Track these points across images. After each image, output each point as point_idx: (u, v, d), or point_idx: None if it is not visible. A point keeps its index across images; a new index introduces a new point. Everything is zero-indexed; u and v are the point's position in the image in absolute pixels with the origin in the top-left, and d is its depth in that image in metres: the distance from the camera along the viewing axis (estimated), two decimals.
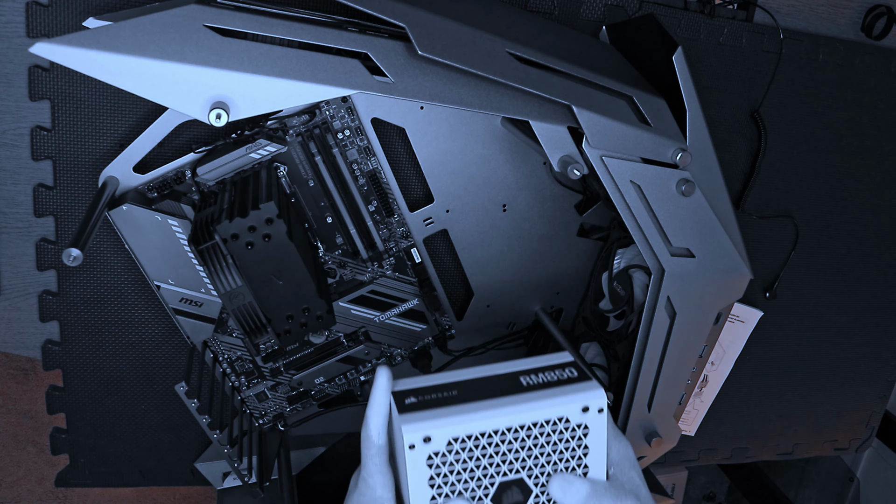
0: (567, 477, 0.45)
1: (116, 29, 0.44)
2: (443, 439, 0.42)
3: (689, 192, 0.55)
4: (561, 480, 0.45)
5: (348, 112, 0.59)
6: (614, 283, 0.67)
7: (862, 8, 0.74)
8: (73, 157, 0.60)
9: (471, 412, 0.43)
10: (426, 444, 0.42)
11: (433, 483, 0.43)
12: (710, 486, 1.72)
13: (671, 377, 0.62)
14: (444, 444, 0.42)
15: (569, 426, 0.44)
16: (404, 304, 0.66)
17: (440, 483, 0.43)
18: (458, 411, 0.43)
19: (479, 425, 0.43)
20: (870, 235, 0.84)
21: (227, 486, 0.73)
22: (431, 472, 0.43)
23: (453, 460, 0.43)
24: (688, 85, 0.55)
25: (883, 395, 0.95)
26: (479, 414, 0.43)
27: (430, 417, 0.42)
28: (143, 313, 0.66)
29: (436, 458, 0.42)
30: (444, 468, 0.43)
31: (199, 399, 0.58)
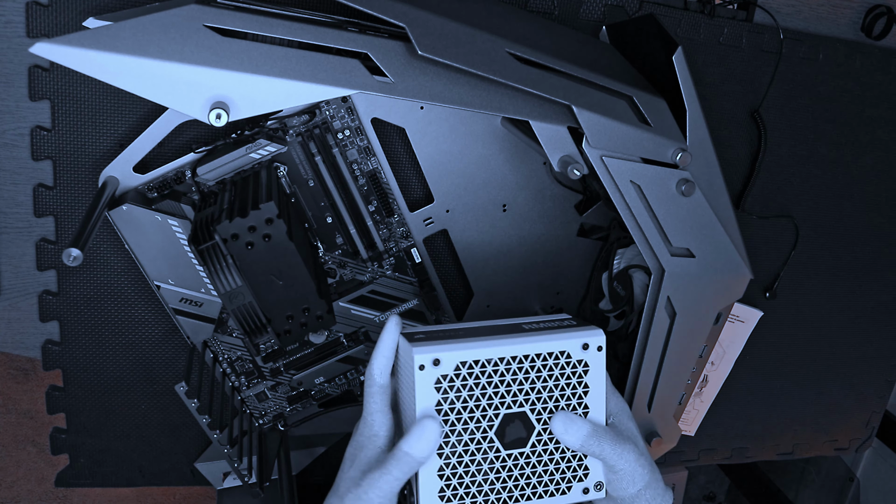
0: (569, 415, 0.47)
1: (116, 29, 0.44)
2: (451, 363, 0.45)
3: (689, 192, 0.55)
4: (564, 418, 0.46)
5: (348, 112, 0.59)
6: (614, 283, 0.67)
7: (862, 8, 0.74)
8: (73, 157, 0.60)
9: (478, 342, 0.46)
10: (435, 367, 0.44)
11: (440, 409, 0.45)
12: (710, 486, 1.72)
13: (671, 377, 0.62)
14: (451, 368, 0.45)
15: (570, 361, 0.47)
16: (404, 304, 0.66)
17: (447, 409, 0.45)
18: (465, 341, 0.46)
19: (485, 352, 0.45)
20: (870, 235, 0.84)
21: (227, 486, 0.73)
22: (439, 395, 0.45)
23: (460, 385, 0.45)
24: (688, 85, 0.55)
25: (883, 395, 0.95)
26: (486, 342, 0.46)
27: (439, 345, 0.45)
28: (143, 313, 0.66)
29: (444, 382, 0.45)
30: (451, 394, 0.45)
31: (199, 399, 0.58)
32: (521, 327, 0.49)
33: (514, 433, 0.47)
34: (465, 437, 0.45)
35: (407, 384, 0.46)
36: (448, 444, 0.45)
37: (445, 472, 0.45)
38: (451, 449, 0.45)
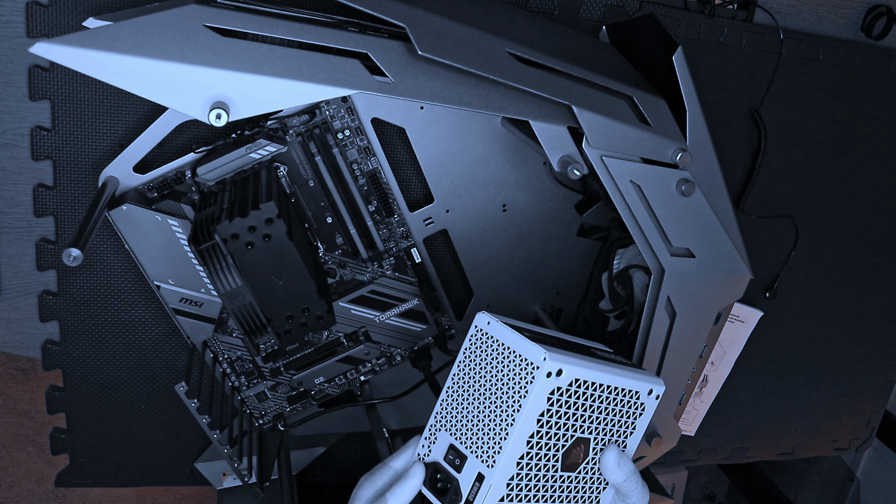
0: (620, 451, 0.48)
1: (116, 29, 0.43)
2: (569, 377, 0.43)
3: (689, 192, 0.55)
4: (617, 453, 0.47)
5: (348, 112, 0.59)
6: (614, 283, 0.67)
7: (862, 8, 0.74)
8: (73, 157, 0.60)
9: (591, 363, 0.45)
10: (557, 378, 0.43)
11: (540, 420, 0.43)
12: (710, 486, 1.72)
13: (671, 377, 0.62)
14: (566, 382, 0.43)
15: (636, 402, 0.48)
16: (404, 304, 0.66)
17: (545, 421, 0.43)
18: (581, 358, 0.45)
19: (595, 375, 0.45)
20: (870, 235, 0.84)
21: (227, 486, 0.73)
22: (545, 406, 0.43)
23: (565, 401, 0.44)
24: (688, 85, 0.55)
25: (883, 395, 0.95)
26: (597, 367, 0.45)
27: (563, 354, 0.44)
28: (143, 313, 0.66)
29: (555, 395, 0.43)
30: (555, 407, 0.44)
31: (199, 399, 0.58)
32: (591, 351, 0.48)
33: (574, 457, 0.46)
34: (542, 452, 0.44)
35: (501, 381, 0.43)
36: (528, 456, 0.43)
37: (513, 482, 0.44)
38: (527, 461, 0.44)
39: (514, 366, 0.43)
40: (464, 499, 0.43)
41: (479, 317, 0.46)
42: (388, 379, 0.70)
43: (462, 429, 0.45)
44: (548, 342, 0.45)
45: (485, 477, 0.43)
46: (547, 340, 0.45)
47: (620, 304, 0.66)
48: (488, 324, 0.45)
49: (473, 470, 0.43)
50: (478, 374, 0.45)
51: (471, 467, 0.43)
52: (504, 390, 0.43)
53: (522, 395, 0.42)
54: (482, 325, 0.45)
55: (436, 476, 0.45)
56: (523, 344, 0.43)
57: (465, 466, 0.44)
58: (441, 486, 0.45)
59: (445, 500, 0.44)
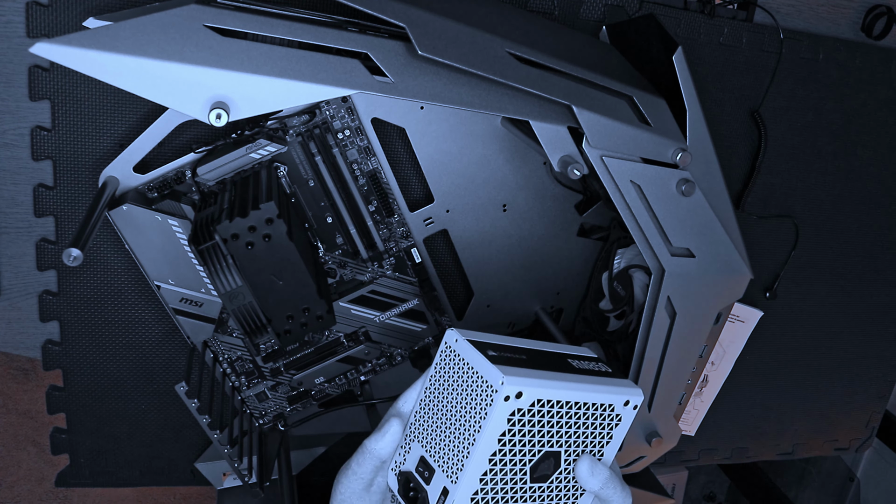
0: (594, 459, 0.48)
1: (116, 29, 0.43)
2: (530, 399, 0.43)
3: (689, 192, 0.55)
4: (590, 462, 0.47)
5: (348, 112, 0.59)
6: (614, 283, 0.67)
7: (862, 8, 0.74)
8: (73, 157, 0.60)
9: (555, 380, 0.45)
10: (516, 400, 0.43)
11: (502, 439, 0.44)
12: (710, 486, 1.72)
13: (671, 377, 0.62)
14: (528, 403, 0.44)
15: (611, 414, 0.48)
16: (404, 304, 0.66)
17: (507, 440, 0.44)
18: (545, 376, 0.45)
19: (559, 393, 0.45)
20: (870, 235, 0.84)
21: (227, 486, 0.73)
22: (506, 426, 0.43)
23: (526, 421, 0.44)
24: (688, 85, 0.55)
25: (883, 395, 0.95)
26: (562, 384, 0.45)
27: (525, 374, 0.44)
28: (143, 313, 0.66)
29: (516, 416, 0.43)
30: (517, 427, 0.44)
31: (199, 399, 0.58)
32: (567, 362, 0.48)
33: (544, 469, 0.46)
34: (507, 468, 0.44)
35: (465, 400, 0.44)
36: (491, 472, 0.44)
37: (477, 497, 0.44)
38: (491, 476, 0.44)
39: (476, 386, 0.44)
40: None
41: (448, 333, 0.46)
42: (388, 379, 0.70)
43: (431, 442, 0.46)
44: (514, 358, 0.45)
45: (449, 492, 0.44)
46: (514, 355, 0.46)
47: (620, 304, 0.66)
48: (456, 341, 0.45)
49: (440, 484, 0.44)
50: (446, 389, 0.46)
51: (437, 481, 0.45)
52: (467, 409, 0.44)
53: (482, 417, 0.43)
54: (451, 343, 0.46)
55: (408, 485, 0.46)
56: (484, 365, 0.44)
57: (433, 479, 0.45)
58: (412, 496, 0.46)
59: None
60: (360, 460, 0.47)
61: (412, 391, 0.48)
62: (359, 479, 0.47)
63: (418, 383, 0.48)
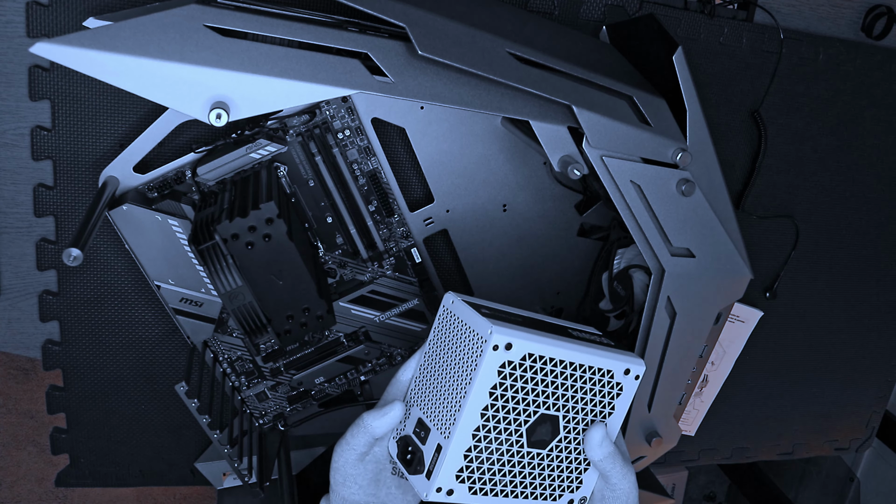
0: (605, 432, 0.48)
1: (116, 29, 0.44)
2: (520, 351, 0.44)
3: (689, 192, 0.55)
4: (601, 430, 0.48)
5: (348, 112, 0.59)
6: (614, 283, 0.67)
7: (862, 8, 0.74)
8: (73, 157, 0.60)
9: (545, 338, 0.45)
10: (506, 352, 0.44)
11: (493, 393, 0.44)
12: (710, 486, 1.72)
13: (671, 377, 0.62)
14: (518, 357, 0.44)
15: (611, 381, 0.48)
16: (404, 304, 0.66)
17: (499, 395, 0.44)
18: (537, 333, 0.45)
19: (552, 350, 0.45)
20: (870, 235, 0.84)
21: (227, 486, 0.73)
22: (497, 380, 0.44)
23: (519, 376, 0.45)
24: (688, 85, 0.55)
25: (883, 395, 0.95)
26: (554, 341, 0.45)
27: (514, 328, 0.44)
28: (143, 313, 0.66)
29: (507, 368, 0.44)
30: (509, 381, 0.44)
31: (199, 399, 0.58)
32: (567, 331, 0.49)
33: (541, 434, 0.47)
34: (501, 426, 0.45)
35: (458, 355, 0.45)
36: (484, 429, 0.45)
37: (471, 454, 0.45)
38: (484, 433, 0.45)
39: (467, 340, 0.45)
40: (426, 469, 0.45)
41: (446, 296, 0.47)
42: (388, 379, 0.70)
43: (428, 403, 0.47)
44: (509, 317, 0.46)
45: (442, 448, 0.45)
46: (510, 316, 0.46)
47: (620, 304, 0.66)
48: (452, 303, 0.47)
49: (434, 442, 0.45)
50: (442, 351, 0.47)
51: (432, 439, 0.45)
52: (460, 364, 0.45)
53: (472, 368, 0.44)
54: (447, 305, 0.47)
55: (407, 448, 0.47)
56: (475, 319, 0.44)
57: (429, 438, 0.46)
58: (409, 458, 0.47)
59: (410, 469, 0.46)
60: (354, 433, 0.47)
61: (412, 360, 0.48)
62: (352, 451, 0.48)
63: (417, 353, 0.48)
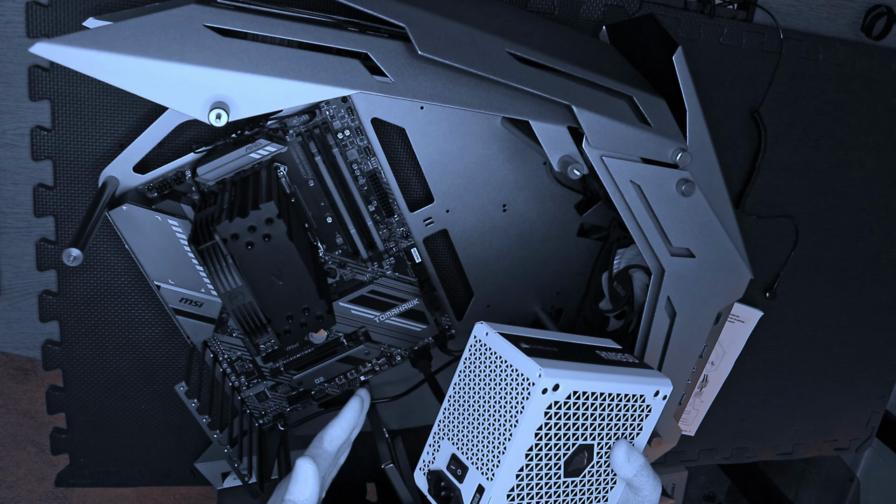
0: (630, 446, 0.48)
1: (116, 29, 0.44)
2: (567, 391, 0.43)
3: (689, 192, 0.55)
4: (627, 448, 0.47)
5: (348, 112, 0.59)
6: (614, 283, 0.67)
7: (862, 8, 0.74)
8: (73, 157, 0.60)
9: (590, 371, 0.44)
10: (553, 393, 0.42)
11: (538, 433, 0.43)
12: (710, 486, 1.72)
13: (671, 377, 0.62)
14: (564, 396, 0.43)
15: (642, 405, 0.48)
16: (404, 304, 0.66)
17: (543, 434, 0.43)
18: (580, 368, 0.44)
19: (595, 385, 0.44)
20: (870, 235, 0.84)
21: (227, 486, 0.73)
22: (543, 420, 0.43)
23: (563, 413, 0.44)
24: (688, 85, 0.55)
25: (883, 395, 0.95)
26: (597, 375, 0.45)
27: (561, 367, 0.43)
28: (143, 313, 0.66)
29: (552, 409, 0.43)
30: (554, 420, 0.43)
31: (199, 399, 0.58)
32: (596, 354, 0.48)
33: (577, 463, 0.46)
34: (542, 462, 0.44)
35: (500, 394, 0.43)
36: (527, 468, 0.43)
37: (513, 493, 0.44)
38: (527, 472, 0.44)
39: (510, 380, 0.43)
40: None
41: (477, 327, 0.45)
42: (388, 379, 0.70)
43: (463, 439, 0.45)
44: (547, 350, 0.44)
45: (485, 489, 0.43)
46: (546, 347, 0.45)
47: (620, 304, 0.66)
48: (486, 335, 0.45)
49: (474, 481, 0.44)
50: (477, 384, 0.45)
51: (472, 478, 0.44)
52: (502, 404, 0.43)
53: (519, 411, 0.42)
54: (481, 336, 0.45)
55: (439, 483, 0.45)
56: (519, 358, 0.43)
57: (467, 477, 0.44)
58: (444, 495, 0.45)
59: None
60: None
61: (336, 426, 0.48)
62: None
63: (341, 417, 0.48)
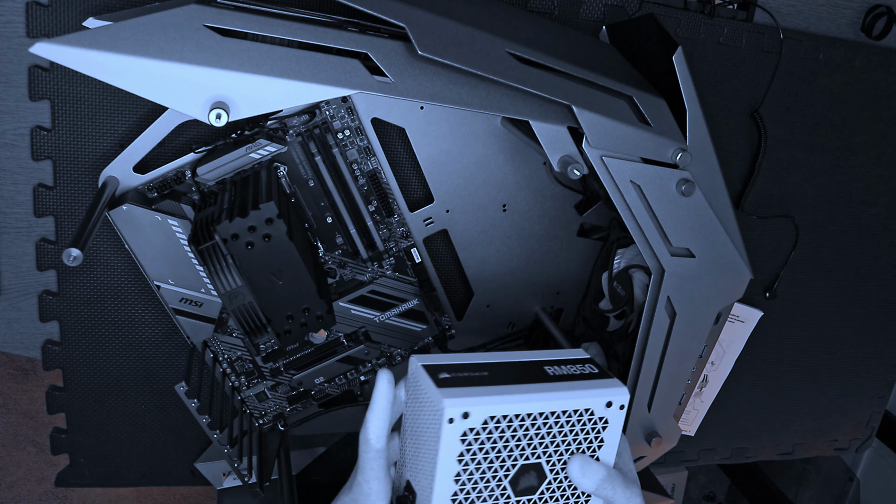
0: (586, 458, 0.47)
1: (116, 29, 0.44)
2: (480, 417, 0.43)
3: (689, 192, 0.55)
4: (581, 461, 0.46)
5: (348, 112, 0.59)
6: (614, 283, 0.67)
7: (862, 8, 0.74)
8: (73, 157, 0.60)
9: (507, 394, 0.44)
10: (464, 420, 0.43)
11: (462, 459, 0.44)
12: (710, 486, 1.72)
13: (671, 377, 0.62)
14: (479, 422, 0.43)
15: (592, 418, 0.46)
16: (404, 304, 0.66)
17: (468, 460, 0.44)
18: (496, 391, 0.44)
19: (514, 407, 0.44)
20: (870, 235, 0.84)
21: (227, 486, 0.73)
22: (462, 447, 0.44)
23: (485, 439, 0.44)
24: (688, 85, 0.55)
25: (883, 395, 0.95)
26: (516, 396, 0.44)
27: (469, 394, 0.43)
28: (143, 313, 0.66)
29: (469, 435, 0.43)
30: (475, 445, 0.44)
31: (199, 399, 0.58)
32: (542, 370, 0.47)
33: (527, 482, 0.46)
34: (479, 486, 0.45)
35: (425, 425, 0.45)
36: (462, 493, 0.44)
37: None
38: (464, 496, 0.44)
39: (430, 410, 0.44)
40: None
41: (411, 361, 0.47)
42: None
43: (411, 466, 0.46)
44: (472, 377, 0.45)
45: None
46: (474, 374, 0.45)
47: (620, 304, 0.66)
48: (416, 368, 0.46)
49: None
50: (413, 415, 0.46)
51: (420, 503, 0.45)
52: (427, 433, 0.45)
53: (436, 440, 0.43)
54: (412, 370, 0.46)
55: None
56: (431, 390, 0.44)
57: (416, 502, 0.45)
58: None
59: None
60: None
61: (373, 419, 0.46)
62: None
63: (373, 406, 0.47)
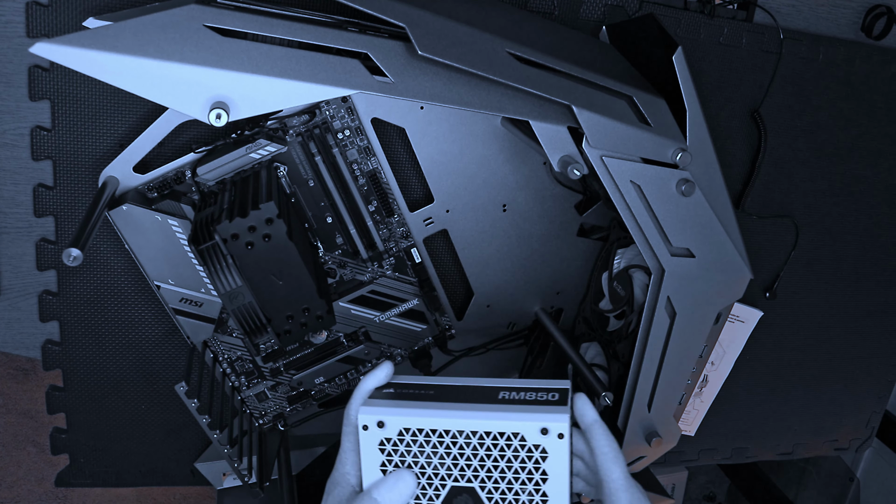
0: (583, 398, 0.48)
1: (116, 29, 0.44)
2: (394, 428, 0.45)
3: (689, 192, 0.55)
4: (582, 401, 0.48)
5: (348, 112, 0.59)
6: (614, 283, 0.67)
7: (862, 8, 0.74)
8: (73, 157, 0.60)
9: (426, 409, 0.46)
10: (379, 429, 0.45)
11: (384, 469, 0.46)
12: (710, 486, 1.72)
13: (671, 377, 0.62)
14: (395, 433, 0.45)
15: (525, 445, 0.44)
16: (404, 304, 0.66)
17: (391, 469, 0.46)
18: (416, 406, 0.46)
19: (430, 422, 0.45)
20: (870, 235, 0.84)
21: (227, 486, 0.73)
22: (383, 457, 0.46)
23: (404, 451, 0.46)
24: (688, 85, 0.55)
25: (883, 395, 0.95)
26: (433, 412, 0.46)
27: (388, 406, 0.46)
28: (143, 313, 0.66)
29: (387, 445, 0.46)
30: (396, 457, 0.46)
31: (199, 399, 0.58)
32: (495, 394, 0.47)
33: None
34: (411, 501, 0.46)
35: None
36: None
37: None
38: None
39: None
40: None
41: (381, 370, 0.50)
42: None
43: None
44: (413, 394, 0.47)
45: None
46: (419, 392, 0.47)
47: (620, 304, 0.66)
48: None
49: None
50: None
51: None
52: None
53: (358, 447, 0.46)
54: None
55: None
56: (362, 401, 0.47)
57: None
58: None
59: None
60: None
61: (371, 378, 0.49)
62: None
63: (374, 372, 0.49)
